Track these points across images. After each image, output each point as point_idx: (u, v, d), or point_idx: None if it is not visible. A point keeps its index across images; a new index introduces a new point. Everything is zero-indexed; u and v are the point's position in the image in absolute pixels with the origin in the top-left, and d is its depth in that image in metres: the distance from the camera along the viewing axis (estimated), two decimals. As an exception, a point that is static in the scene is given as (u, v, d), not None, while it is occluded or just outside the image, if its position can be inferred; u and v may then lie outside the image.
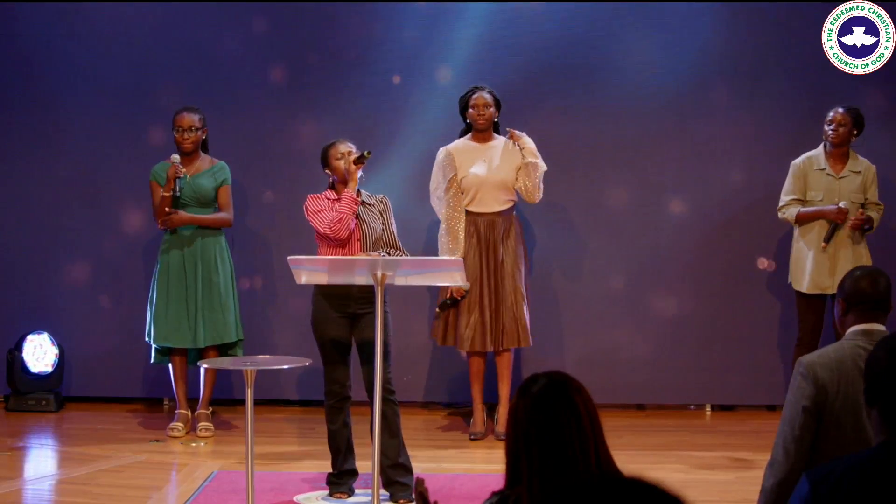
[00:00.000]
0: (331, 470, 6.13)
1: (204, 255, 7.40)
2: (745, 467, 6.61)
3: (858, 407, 3.77)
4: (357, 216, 6.08)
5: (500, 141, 7.37)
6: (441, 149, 7.38)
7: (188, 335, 7.36)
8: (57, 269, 8.26)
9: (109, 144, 8.23)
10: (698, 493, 6.13)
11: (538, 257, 7.98)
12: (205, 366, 6.90)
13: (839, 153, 7.30)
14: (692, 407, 8.29)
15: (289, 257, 5.65)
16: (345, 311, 6.02)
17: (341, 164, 6.08)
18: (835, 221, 7.18)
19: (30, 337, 8.06)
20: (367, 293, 5.88)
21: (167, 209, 7.30)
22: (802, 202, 7.32)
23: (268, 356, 6.54)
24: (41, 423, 7.80)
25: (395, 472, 6.01)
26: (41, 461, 7.19)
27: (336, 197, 6.09)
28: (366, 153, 6.13)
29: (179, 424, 7.40)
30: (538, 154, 7.27)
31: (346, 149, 6.12)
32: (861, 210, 7.21)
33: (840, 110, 7.25)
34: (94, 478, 6.47)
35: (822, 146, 7.34)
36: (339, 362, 6.04)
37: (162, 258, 7.42)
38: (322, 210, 6.06)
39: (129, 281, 8.15)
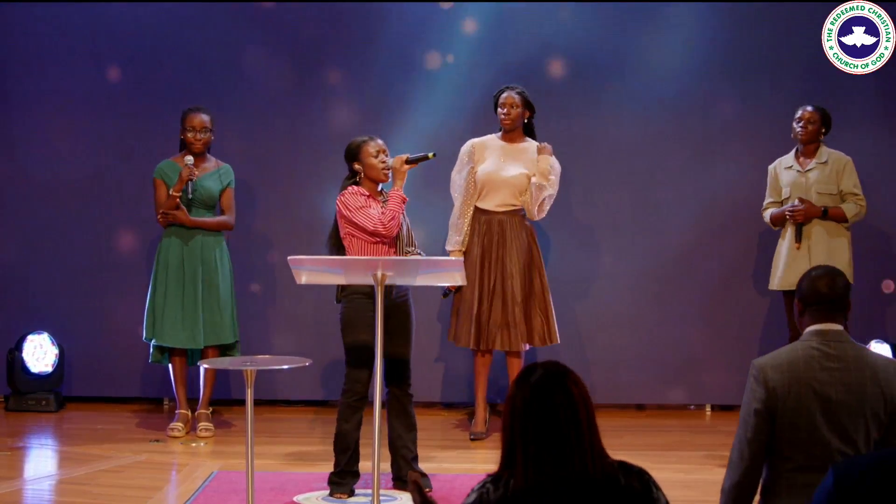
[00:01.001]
0: (333, 469, 6.10)
1: (205, 256, 7.39)
2: (745, 467, 6.60)
3: (812, 407, 3.78)
4: None
5: (529, 144, 7.35)
6: (470, 139, 7.39)
7: (187, 335, 7.35)
8: (57, 269, 8.26)
9: (110, 144, 8.23)
10: (698, 493, 6.13)
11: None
12: (205, 366, 6.89)
13: (808, 150, 7.35)
14: (692, 407, 8.29)
15: (289, 257, 5.63)
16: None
17: (377, 161, 6.04)
18: (793, 220, 7.23)
19: (30, 337, 8.06)
20: (402, 292, 6.04)
21: (174, 209, 7.27)
22: (778, 204, 7.38)
23: (268, 356, 6.54)
24: (41, 423, 7.80)
25: (416, 464, 6.10)
26: (41, 461, 7.18)
27: (368, 193, 6.05)
28: (430, 154, 6.10)
29: (179, 424, 7.40)
30: (550, 177, 7.24)
31: (380, 146, 6.08)
32: (799, 198, 7.20)
33: (808, 108, 7.32)
34: (94, 478, 6.47)
35: (794, 148, 7.40)
36: (366, 365, 5.99)
37: (161, 257, 7.41)
38: (364, 207, 5.98)
39: (129, 281, 8.15)
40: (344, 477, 6.06)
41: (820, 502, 2.83)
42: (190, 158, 7.28)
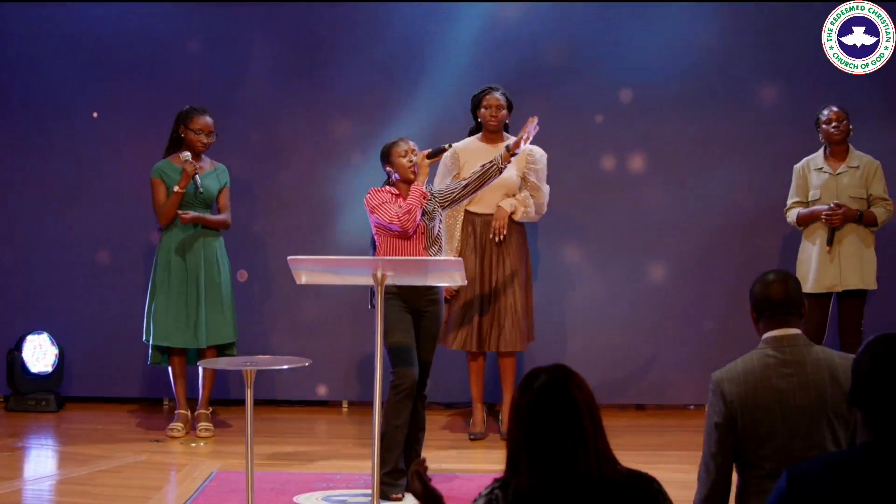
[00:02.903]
0: (384, 469, 5.86)
1: (206, 255, 7.38)
2: (745, 467, 6.60)
3: (772, 416, 3.78)
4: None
5: (510, 142, 7.31)
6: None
7: (189, 335, 7.35)
8: (56, 269, 8.26)
9: (108, 144, 8.23)
10: (698, 493, 6.13)
11: (538, 258, 7.97)
12: (204, 366, 6.89)
13: (839, 150, 7.30)
14: (692, 407, 8.29)
15: (289, 257, 5.63)
16: (412, 306, 6.03)
17: (405, 161, 6.06)
18: (829, 223, 7.18)
19: (30, 337, 8.06)
20: (431, 290, 6.03)
21: (179, 212, 7.28)
22: (805, 204, 7.33)
23: (268, 356, 6.54)
24: (41, 423, 7.79)
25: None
26: (41, 461, 7.18)
27: (398, 192, 6.07)
28: (446, 146, 6.14)
29: (179, 424, 7.40)
30: (525, 208, 7.25)
31: (409, 146, 6.10)
32: (834, 203, 7.18)
33: (834, 108, 7.28)
34: (94, 478, 6.47)
35: (822, 149, 7.35)
36: (410, 363, 5.98)
37: (161, 257, 7.40)
38: (386, 202, 6.02)
39: (129, 281, 8.15)
40: (395, 477, 5.96)
41: None
42: (187, 154, 7.28)
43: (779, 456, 3.76)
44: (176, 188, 7.26)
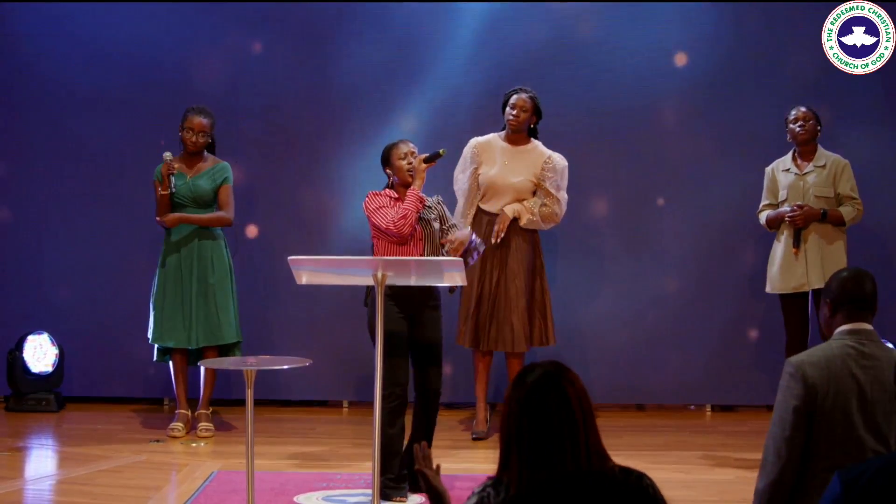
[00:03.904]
0: (385, 474, 5.82)
1: (200, 255, 7.39)
2: (745, 467, 6.61)
3: (849, 406, 3.82)
4: (420, 216, 6.02)
5: (534, 146, 7.34)
6: (473, 139, 7.37)
7: (182, 335, 7.35)
8: (57, 269, 8.26)
9: (110, 144, 8.23)
10: (698, 493, 6.13)
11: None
12: (205, 366, 6.89)
13: (806, 151, 7.30)
14: (692, 407, 8.29)
15: (289, 257, 5.63)
16: (408, 311, 5.99)
17: (404, 163, 6.02)
18: (792, 224, 7.19)
19: (30, 337, 8.06)
20: (427, 293, 5.98)
21: (163, 211, 7.30)
22: (775, 206, 7.35)
23: (268, 356, 6.53)
24: (41, 423, 7.79)
25: None
26: (41, 461, 7.18)
27: (397, 196, 6.03)
28: (441, 151, 6.05)
29: (179, 424, 7.40)
30: (532, 217, 7.25)
31: (409, 149, 6.07)
32: (795, 205, 7.18)
33: (802, 108, 7.29)
34: (94, 478, 6.47)
35: (792, 150, 7.36)
36: (400, 363, 5.94)
37: (162, 258, 7.43)
38: (383, 207, 5.98)
39: (129, 281, 8.15)
40: (398, 481, 5.95)
41: None
42: (168, 154, 7.29)
43: (848, 447, 3.80)
44: (160, 191, 7.28)
